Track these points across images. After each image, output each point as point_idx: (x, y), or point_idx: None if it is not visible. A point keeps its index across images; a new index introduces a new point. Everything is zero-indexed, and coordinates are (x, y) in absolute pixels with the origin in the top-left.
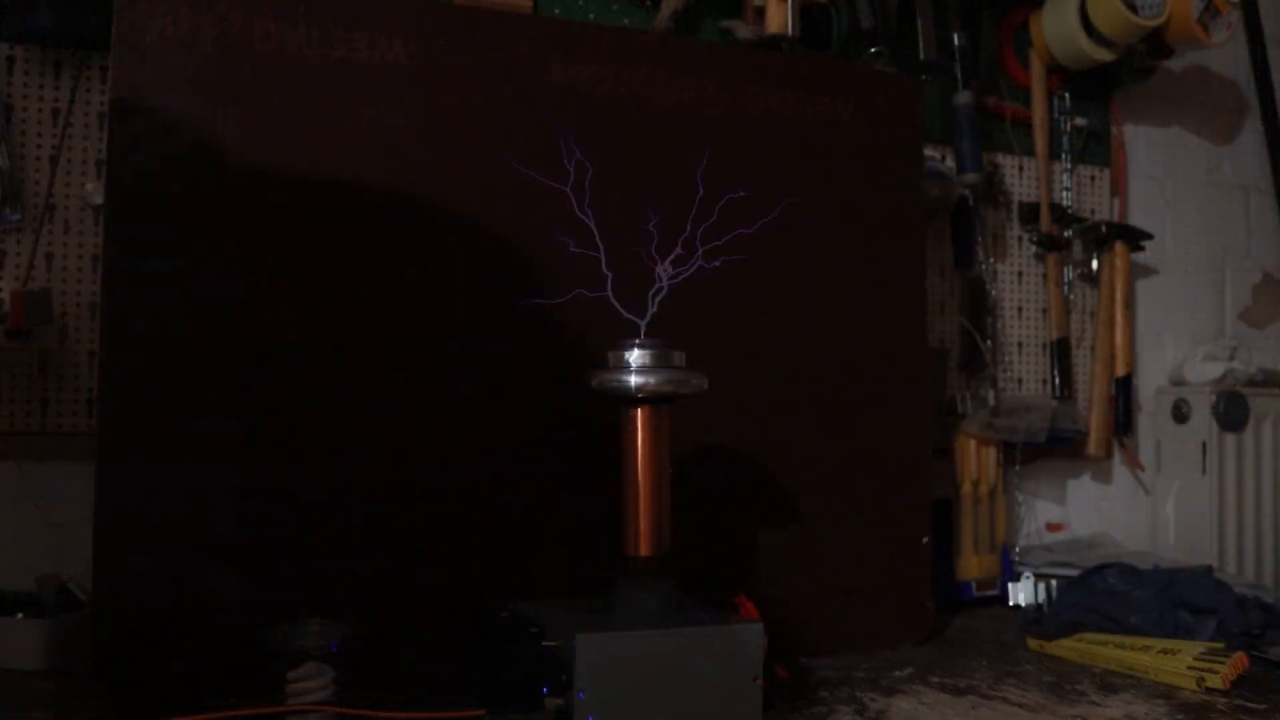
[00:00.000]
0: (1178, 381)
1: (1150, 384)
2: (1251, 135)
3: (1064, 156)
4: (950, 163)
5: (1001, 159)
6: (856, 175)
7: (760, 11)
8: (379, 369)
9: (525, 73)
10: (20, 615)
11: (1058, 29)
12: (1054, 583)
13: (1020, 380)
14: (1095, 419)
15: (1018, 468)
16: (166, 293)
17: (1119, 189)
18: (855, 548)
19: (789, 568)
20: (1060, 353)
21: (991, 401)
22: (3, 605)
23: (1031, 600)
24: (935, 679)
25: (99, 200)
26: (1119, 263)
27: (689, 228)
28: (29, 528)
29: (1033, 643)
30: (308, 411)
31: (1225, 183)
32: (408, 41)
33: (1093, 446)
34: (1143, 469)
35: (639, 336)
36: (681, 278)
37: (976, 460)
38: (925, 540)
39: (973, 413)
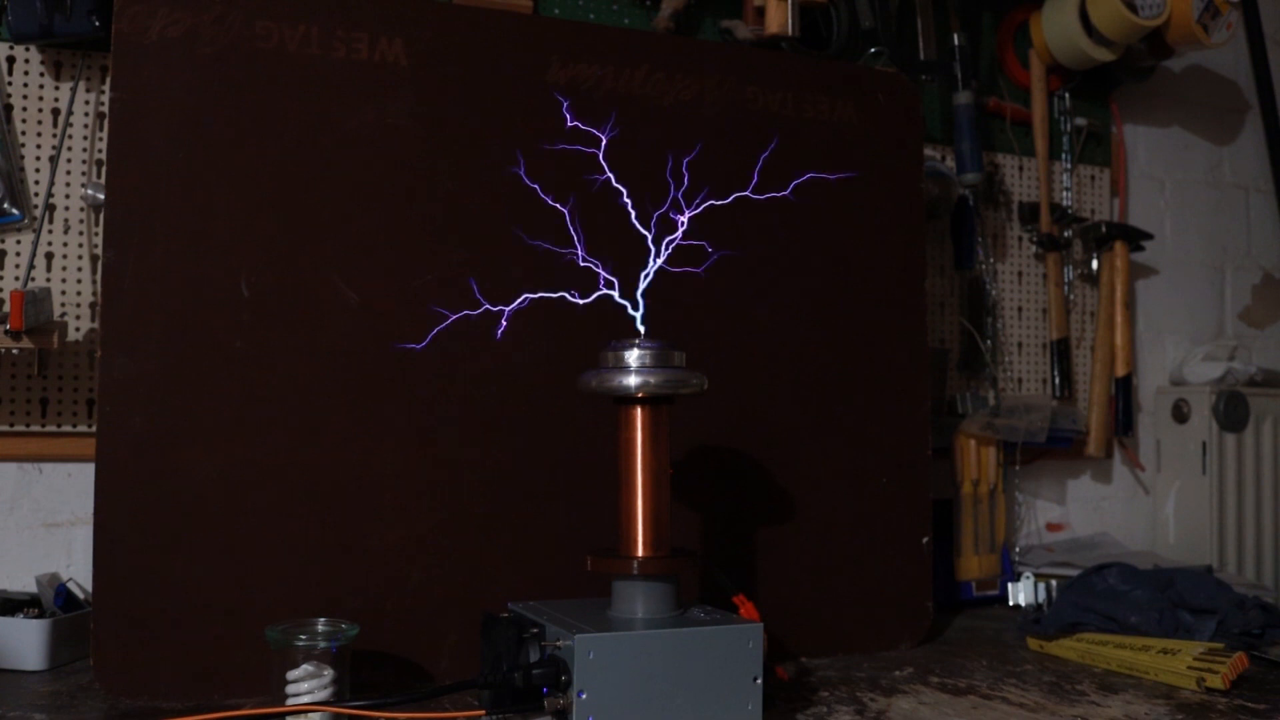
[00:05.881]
0: (1178, 381)
1: (1150, 384)
2: (1251, 135)
3: (1064, 156)
4: (950, 163)
5: (1001, 159)
6: (856, 175)
7: (760, 11)
8: (377, 369)
9: (525, 73)
10: (20, 615)
11: (1058, 29)
12: (1054, 583)
13: (1020, 380)
14: (1095, 419)
15: (1018, 468)
16: (166, 293)
17: (1119, 189)
18: (855, 548)
19: (789, 568)
20: (1060, 353)
21: (991, 401)
22: (3, 605)
23: (1031, 600)
24: (935, 679)
25: (99, 200)
26: (1119, 263)
27: (689, 227)
28: (29, 528)
29: (1033, 643)
30: (307, 411)
31: (1225, 183)
32: (408, 41)
33: (1093, 446)
34: (1143, 469)
35: (638, 336)
36: (680, 278)
37: (976, 460)
38: (925, 540)
39: (973, 413)
